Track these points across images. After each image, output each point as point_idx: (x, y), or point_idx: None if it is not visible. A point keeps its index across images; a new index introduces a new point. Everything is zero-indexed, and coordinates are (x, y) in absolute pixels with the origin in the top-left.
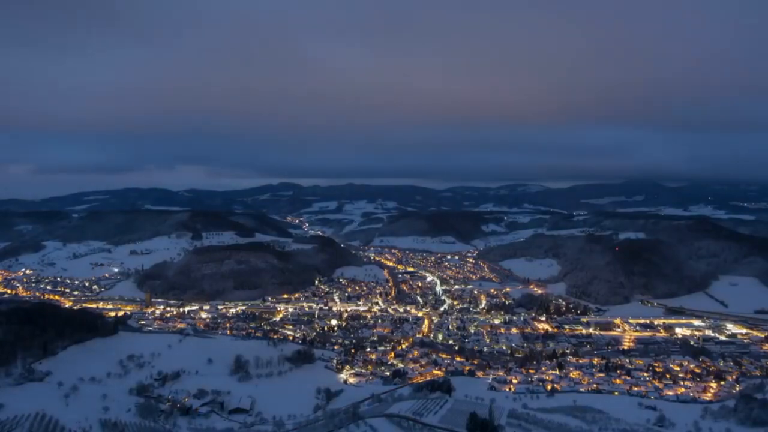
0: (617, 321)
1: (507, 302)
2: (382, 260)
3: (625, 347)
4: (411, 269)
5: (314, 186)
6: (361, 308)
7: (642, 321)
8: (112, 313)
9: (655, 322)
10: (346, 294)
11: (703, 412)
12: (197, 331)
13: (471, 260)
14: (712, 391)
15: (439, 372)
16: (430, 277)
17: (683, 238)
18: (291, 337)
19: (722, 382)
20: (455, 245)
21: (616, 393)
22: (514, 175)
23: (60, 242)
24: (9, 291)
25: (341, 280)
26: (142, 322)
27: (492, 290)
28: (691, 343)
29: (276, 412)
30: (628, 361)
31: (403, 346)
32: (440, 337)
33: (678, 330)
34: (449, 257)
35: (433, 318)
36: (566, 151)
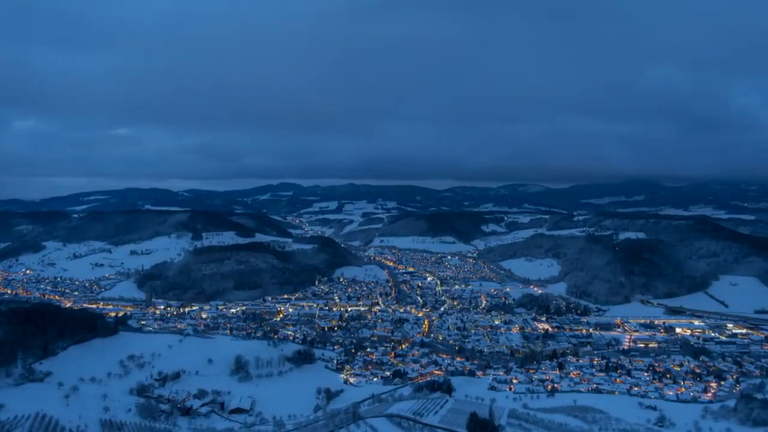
0: (617, 321)
1: (507, 302)
2: (382, 260)
3: (625, 347)
4: (411, 269)
5: (314, 186)
6: (362, 308)
7: (642, 321)
8: (113, 314)
9: (656, 322)
10: (347, 294)
11: (703, 412)
12: (197, 332)
13: (471, 260)
14: (712, 391)
15: (439, 372)
16: (430, 278)
17: (683, 238)
18: (291, 338)
19: (722, 382)
20: (455, 245)
21: (616, 393)
22: (514, 175)
23: (60, 242)
24: (9, 291)
25: (341, 280)
26: (143, 323)
27: (492, 290)
28: (692, 343)
29: (276, 412)
30: (628, 361)
31: (404, 347)
32: (440, 337)
33: (678, 330)
34: (449, 257)
35: (434, 318)
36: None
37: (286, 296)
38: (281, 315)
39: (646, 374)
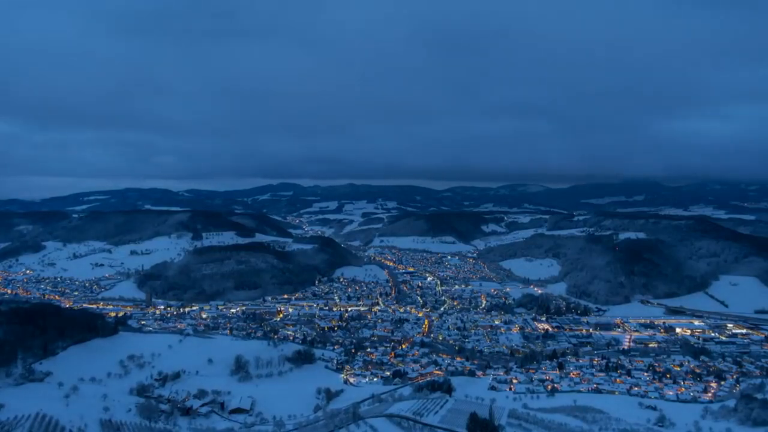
0: (617, 321)
1: (507, 302)
2: (382, 260)
3: (625, 347)
4: (411, 269)
5: (314, 186)
6: (362, 308)
7: (642, 321)
8: (113, 314)
9: (656, 322)
10: (347, 294)
11: (703, 412)
12: (197, 332)
13: (471, 260)
14: (712, 391)
15: (439, 372)
16: (430, 278)
17: (683, 238)
18: (291, 338)
19: (722, 382)
20: (455, 245)
21: (616, 393)
22: (514, 175)
23: (60, 242)
24: (9, 291)
25: (341, 280)
26: (143, 323)
27: (492, 290)
28: (692, 343)
29: (276, 412)
30: (628, 361)
31: (404, 347)
32: (440, 337)
33: (678, 330)
34: (449, 257)
35: (434, 318)
36: None
37: (286, 296)
38: (281, 315)
39: (646, 374)
